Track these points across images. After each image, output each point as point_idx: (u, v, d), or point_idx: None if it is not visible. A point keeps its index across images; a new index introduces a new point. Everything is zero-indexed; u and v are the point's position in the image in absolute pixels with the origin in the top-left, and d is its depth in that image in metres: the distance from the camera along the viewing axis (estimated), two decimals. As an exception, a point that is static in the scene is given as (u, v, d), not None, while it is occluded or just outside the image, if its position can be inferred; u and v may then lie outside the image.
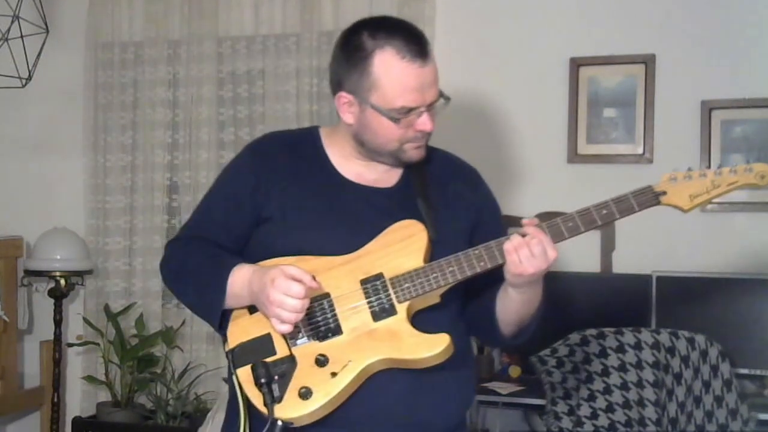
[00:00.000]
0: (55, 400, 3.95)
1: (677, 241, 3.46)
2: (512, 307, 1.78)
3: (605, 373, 2.90)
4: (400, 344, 1.68)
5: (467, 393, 1.87)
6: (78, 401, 4.13)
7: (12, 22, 3.41)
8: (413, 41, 1.71)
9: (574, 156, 3.58)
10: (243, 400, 1.70)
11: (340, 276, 1.73)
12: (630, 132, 3.53)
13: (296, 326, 1.67)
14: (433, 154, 1.91)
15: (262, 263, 1.75)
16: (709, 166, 3.43)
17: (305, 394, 1.65)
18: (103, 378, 3.95)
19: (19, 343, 4.11)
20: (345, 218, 1.78)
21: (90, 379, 4.02)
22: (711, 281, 3.29)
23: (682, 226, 3.45)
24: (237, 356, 1.72)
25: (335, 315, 1.71)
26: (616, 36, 3.55)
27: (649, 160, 3.50)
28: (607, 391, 2.90)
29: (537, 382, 3.05)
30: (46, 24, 3.55)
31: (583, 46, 3.58)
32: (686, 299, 3.30)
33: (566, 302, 3.41)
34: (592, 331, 2.92)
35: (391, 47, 1.70)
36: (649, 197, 1.70)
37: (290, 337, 1.70)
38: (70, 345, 4.05)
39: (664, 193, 1.69)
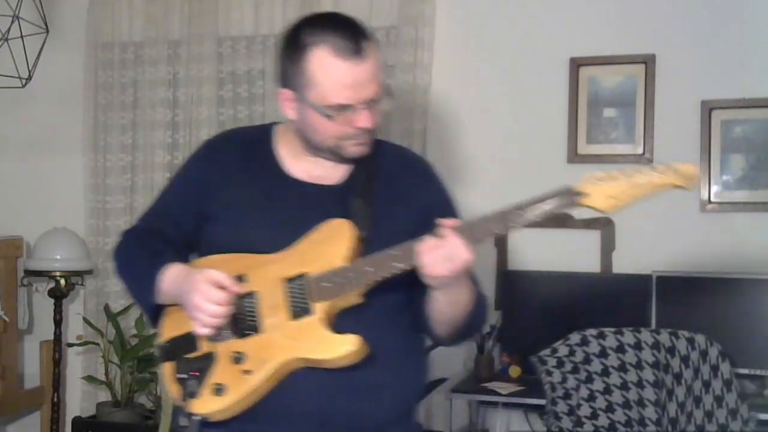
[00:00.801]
0: (55, 400, 3.95)
1: (677, 241, 3.46)
2: (438, 307, 1.75)
3: (605, 373, 2.90)
4: (312, 344, 1.69)
5: (405, 392, 1.84)
6: (78, 401, 4.13)
7: (12, 22, 3.41)
8: (349, 38, 1.70)
9: (574, 156, 3.58)
10: (166, 394, 1.76)
11: (268, 274, 1.74)
12: (630, 132, 3.53)
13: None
14: (384, 149, 1.91)
15: (195, 262, 1.81)
16: (709, 166, 3.44)
17: (219, 390, 1.69)
18: (103, 378, 3.95)
19: (19, 343, 4.11)
20: (283, 216, 1.80)
21: (90, 379, 4.02)
22: (711, 281, 3.29)
23: (682, 226, 3.46)
24: (165, 351, 1.76)
25: (257, 313, 1.74)
26: (616, 36, 3.55)
27: (649, 160, 3.50)
28: (607, 391, 2.90)
29: (537, 382, 3.05)
30: (46, 24, 3.55)
31: (583, 46, 3.58)
32: (686, 299, 3.30)
33: (566, 302, 3.42)
34: (592, 331, 2.92)
35: (326, 44, 1.70)
36: (568, 199, 1.60)
37: (212, 334, 1.73)
38: (70, 345, 4.05)
39: (585, 194, 1.59)
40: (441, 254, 1.62)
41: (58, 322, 3.95)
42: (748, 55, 3.42)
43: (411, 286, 1.78)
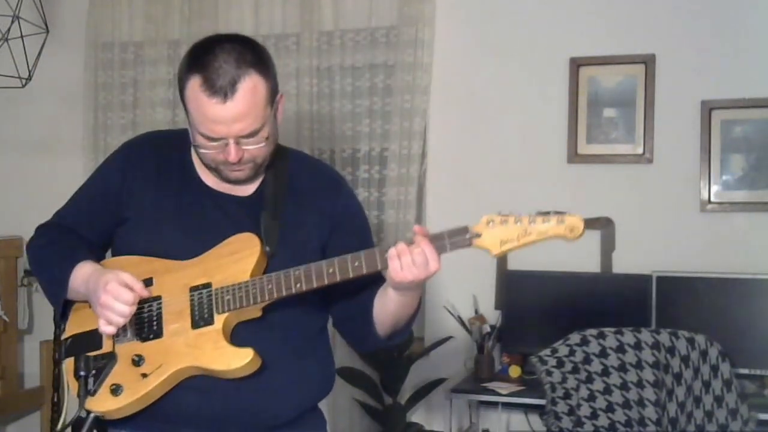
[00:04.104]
0: (55, 400, 3.95)
1: (677, 241, 3.46)
2: (390, 308, 1.79)
3: (605, 373, 2.90)
4: (207, 354, 1.73)
5: (306, 392, 1.87)
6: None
7: (12, 22, 3.40)
8: (220, 75, 1.70)
9: (574, 156, 3.58)
10: (64, 389, 1.81)
11: (174, 281, 1.78)
12: (630, 132, 3.53)
13: (124, 325, 1.75)
14: (298, 162, 1.95)
15: (104, 262, 1.85)
16: (709, 166, 3.44)
17: (116, 390, 1.74)
18: (103, 378, 3.95)
19: (19, 343, 4.11)
20: (194, 223, 1.83)
21: (90, 379, 4.02)
22: (711, 281, 3.29)
23: (682, 226, 3.46)
24: (67, 347, 1.82)
25: (160, 318, 1.77)
26: (616, 36, 3.55)
27: (649, 160, 3.50)
28: (607, 391, 2.90)
29: (537, 382, 3.05)
30: (46, 24, 3.54)
31: (583, 46, 3.58)
32: (686, 299, 3.30)
33: (566, 302, 3.42)
34: (592, 331, 2.92)
35: (197, 77, 1.72)
36: (463, 238, 1.67)
37: (116, 335, 1.77)
38: (70, 345, 4.05)
39: (479, 235, 1.66)
40: (410, 260, 1.66)
41: (58, 322, 3.94)
42: (748, 55, 3.42)
43: (321, 299, 1.85)
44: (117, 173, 1.90)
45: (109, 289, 1.71)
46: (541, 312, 3.48)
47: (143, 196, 1.86)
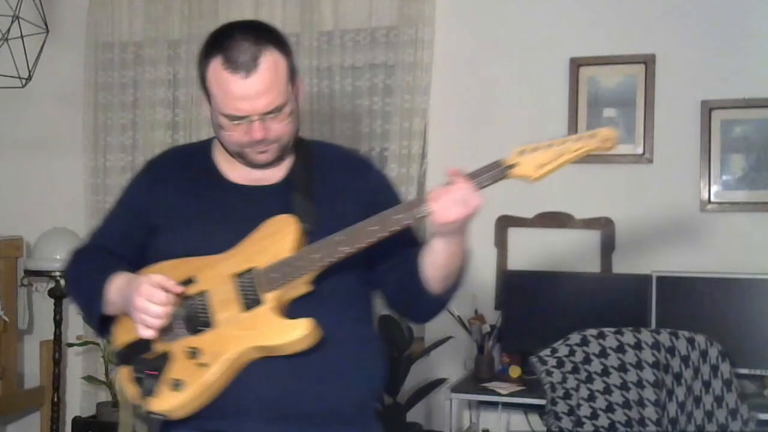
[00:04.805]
0: (55, 400, 3.95)
1: (677, 241, 3.46)
2: (439, 260, 1.77)
3: (605, 373, 2.90)
4: (264, 332, 1.72)
5: (364, 378, 1.85)
6: (78, 401, 4.13)
7: (12, 22, 3.40)
8: (241, 51, 1.74)
9: (574, 156, 3.58)
10: (124, 397, 1.79)
11: (216, 273, 1.78)
12: (630, 132, 3.53)
13: (171, 323, 1.75)
14: (320, 147, 1.99)
15: (143, 271, 1.84)
16: (709, 166, 3.44)
17: (177, 385, 1.71)
18: (103, 378, 3.96)
19: (19, 343, 4.11)
20: (226, 219, 1.85)
21: (90, 379, 4.02)
22: (711, 281, 3.29)
23: (682, 226, 3.46)
24: (121, 356, 1.82)
25: (208, 309, 1.77)
26: (616, 36, 3.55)
27: (649, 160, 3.50)
28: (607, 391, 2.90)
29: (537, 382, 3.05)
30: (46, 24, 3.54)
31: (583, 46, 3.58)
32: (686, 299, 3.30)
33: (566, 302, 3.42)
34: (592, 331, 2.92)
35: (218, 57, 1.76)
36: (498, 170, 1.71)
37: (165, 334, 1.76)
38: (70, 345, 4.05)
39: (514, 165, 1.70)
40: (452, 198, 1.67)
41: (58, 322, 3.95)
42: (748, 55, 3.42)
43: (366, 272, 1.85)
44: (144, 188, 1.94)
45: (142, 292, 1.71)
46: (541, 312, 3.47)
47: (171, 202, 1.88)
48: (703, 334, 2.93)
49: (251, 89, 1.74)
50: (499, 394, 3.22)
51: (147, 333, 1.73)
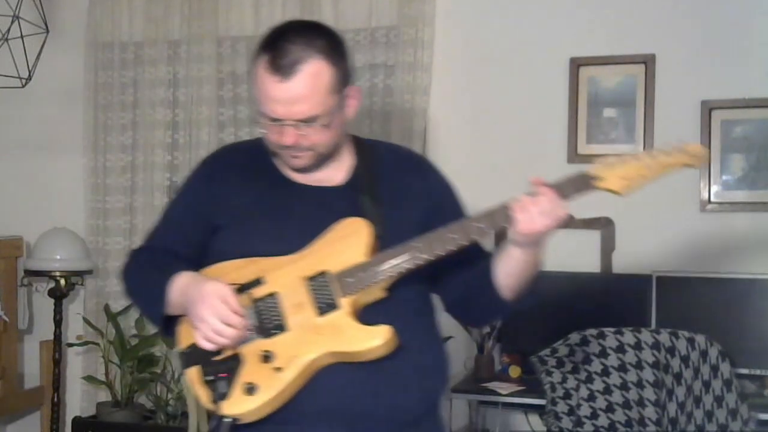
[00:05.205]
0: (55, 400, 3.95)
1: (677, 241, 3.46)
2: (514, 269, 1.77)
3: (605, 373, 2.90)
4: (342, 337, 1.70)
5: (432, 384, 1.85)
6: (78, 401, 4.13)
7: (12, 22, 3.41)
8: (285, 54, 1.73)
9: (574, 156, 3.58)
10: (192, 399, 1.75)
11: (287, 275, 1.75)
12: (630, 132, 3.53)
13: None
14: (381, 149, 1.96)
15: (207, 270, 1.81)
16: (709, 166, 3.44)
17: (250, 389, 1.68)
18: (103, 378, 3.95)
19: (19, 343, 4.11)
20: (291, 219, 1.82)
21: (90, 379, 4.02)
22: (711, 281, 3.29)
23: (682, 226, 3.46)
24: (187, 357, 1.76)
25: (281, 312, 1.74)
26: (616, 36, 3.55)
27: (649, 160, 3.50)
28: (607, 391, 2.90)
29: (537, 382, 3.05)
30: (46, 24, 3.54)
31: (583, 46, 3.58)
32: (686, 299, 3.30)
33: (566, 302, 3.41)
34: (592, 331, 2.92)
35: (265, 55, 1.76)
36: (584, 183, 1.69)
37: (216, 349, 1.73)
38: (70, 345, 4.05)
39: (599, 177, 1.68)
40: (538, 209, 1.66)
41: (58, 322, 3.95)
42: (748, 55, 3.42)
43: (433, 278, 1.83)
44: (203, 184, 1.90)
45: (211, 305, 1.67)
46: (541, 312, 3.46)
47: (233, 201, 1.85)
48: (703, 334, 2.93)
49: (285, 94, 1.72)
50: (499, 394, 3.22)
51: (207, 346, 1.70)
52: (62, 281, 3.90)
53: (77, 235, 4.02)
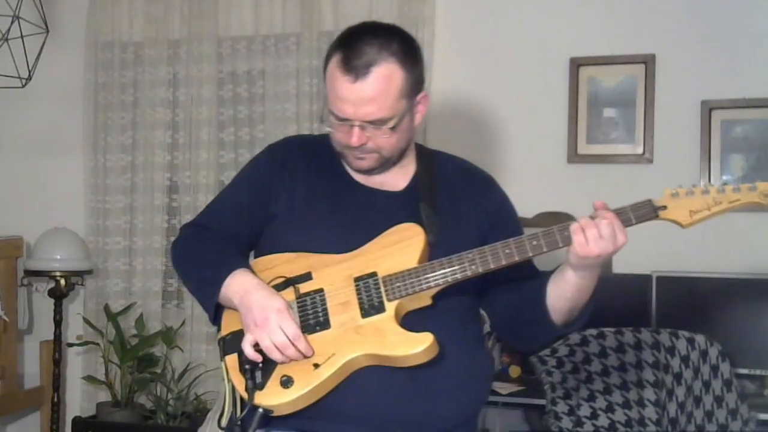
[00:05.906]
0: (55, 400, 3.95)
1: (677, 241, 3.44)
2: (568, 292, 1.76)
3: (605, 373, 2.90)
4: (384, 340, 1.70)
5: (470, 398, 1.84)
6: (78, 401, 4.13)
7: (12, 22, 3.40)
8: (358, 55, 1.73)
9: (574, 156, 3.58)
10: (229, 386, 1.76)
11: (336, 273, 1.77)
12: (630, 132, 3.53)
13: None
14: (444, 159, 1.97)
15: (257, 260, 1.83)
16: (709, 166, 3.44)
17: (286, 382, 1.69)
18: (103, 378, 3.95)
19: (19, 343, 4.11)
20: (348, 219, 1.83)
21: (90, 379, 4.02)
22: (711, 281, 3.29)
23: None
24: (227, 344, 1.78)
25: (325, 309, 1.75)
26: (616, 36, 3.55)
27: (649, 160, 3.50)
28: (607, 391, 2.90)
29: (537, 382, 3.05)
30: (46, 24, 3.54)
31: (583, 46, 3.58)
32: (686, 299, 3.30)
33: (566, 302, 3.41)
34: (592, 331, 2.92)
35: (339, 53, 1.76)
36: (648, 211, 1.71)
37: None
38: (70, 345, 4.05)
39: (665, 207, 1.69)
40: (597, 233, 1.66)
41: (58, 322, 3.95)
42: (748, 55, 3.42)
43: (482, 292, 1.83)
44: (264, 172, 1.90)
45: (273, 331, 1.68)
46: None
47: (295, 193, 1.85)
48: (703, 334, 2.93)
49: (355, 95, 1.73)
50: (499, 394, 3.22)
51: (250, 352, 1.70)
52: (62, 281, 3.90)
53: (77, 235, 4.02)
